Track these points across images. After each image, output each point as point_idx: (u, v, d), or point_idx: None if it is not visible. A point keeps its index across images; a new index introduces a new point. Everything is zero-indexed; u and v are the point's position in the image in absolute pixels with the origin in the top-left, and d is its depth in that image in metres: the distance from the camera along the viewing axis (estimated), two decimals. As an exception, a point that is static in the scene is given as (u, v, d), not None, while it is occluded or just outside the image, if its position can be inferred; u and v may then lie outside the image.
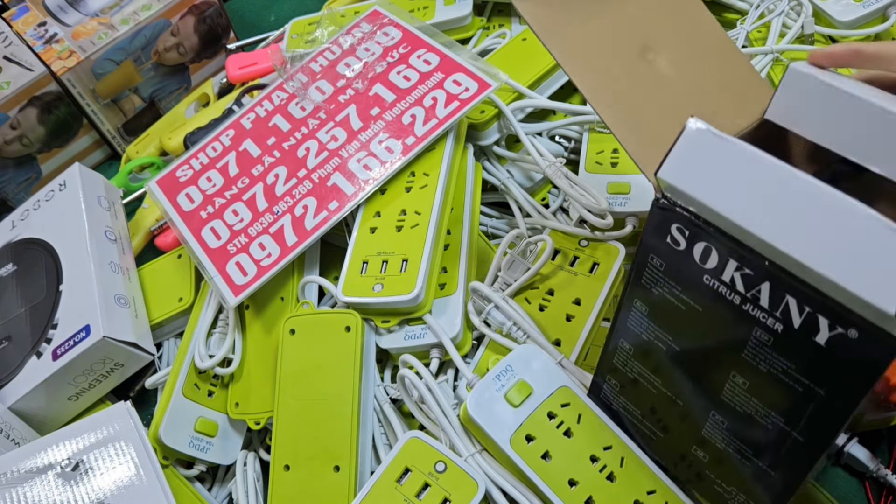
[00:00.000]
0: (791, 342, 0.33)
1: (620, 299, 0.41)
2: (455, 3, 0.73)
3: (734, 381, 0.37)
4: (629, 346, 0.43)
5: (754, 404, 0.37)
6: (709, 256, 0.34)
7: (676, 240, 0.35)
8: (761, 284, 0.33)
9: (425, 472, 0.45)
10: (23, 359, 0.56)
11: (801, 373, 0.33)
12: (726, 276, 0.34)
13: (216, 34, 0.83)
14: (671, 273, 0.37)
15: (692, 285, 0.36)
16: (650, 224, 0.36)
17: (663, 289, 0.38)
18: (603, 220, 0.54)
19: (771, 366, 0.35)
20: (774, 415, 0.36)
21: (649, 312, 0.40)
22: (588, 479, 0.44)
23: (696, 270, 0.35)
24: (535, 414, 0.46)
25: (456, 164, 0.58)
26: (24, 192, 0.78)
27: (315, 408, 0.50)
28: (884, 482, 0.49)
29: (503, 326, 0.51)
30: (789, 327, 0.33)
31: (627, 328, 0.42)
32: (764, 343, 0.34)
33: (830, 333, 0.31)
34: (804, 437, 0.35)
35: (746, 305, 0.34)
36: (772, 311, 0.33)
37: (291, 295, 0.56)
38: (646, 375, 0.43)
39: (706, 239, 0.34)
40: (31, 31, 0.76)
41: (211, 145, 0.64)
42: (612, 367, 0.45)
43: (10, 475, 0.45)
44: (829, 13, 0.65)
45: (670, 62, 0.41)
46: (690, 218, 0.34)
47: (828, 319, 0.31)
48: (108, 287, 0.58)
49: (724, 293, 0.35)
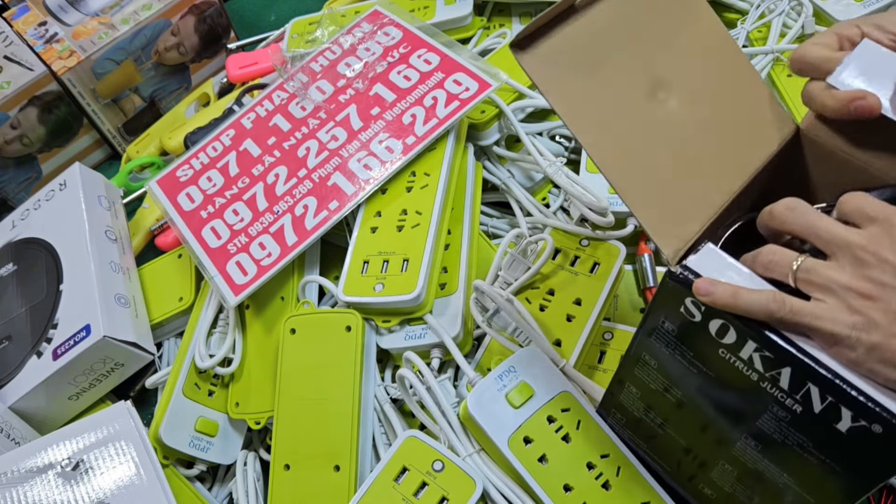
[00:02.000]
0: (810, 423, 0.32)
1: (628, 348, 0.40)
2: (455, 3, 0.73)
3: (746, 442, 0.36)
4: (637, 391, 0.42)
5: (766, 464, 0.36)
6: (726, 333, 0.33)
7: (691, 312, 0.34)
8: (782, 368, 0.32)
9: (423, 471, 0.45)
10: (23, 358, 0.56)
11: (818, 449, 0.33)
12: (744, 354, 0.33)
13: (216, 34, 0.83)
14: (684, 339, 0.36)
15: (706, 356, 0.35)
16: (662, 292, 0.35)
17: (675, 351, 0.37)
18: (604, 217, 0.54)
19: (786, 437, 0.34)
20: (787, 477, 0.35)
21: (659, 367, 0.39)
22: (583, 486, 0.44)
23: (712, 343, 0.34)
24: (535, 417, 0.46)
25: (456, 164, 0.58)
26: (25, 191, 0.77)
27: (315, 407, 0.50)
28: (884, 482, 0.48)
29: (506, 328, 0.51)
30: (809, 410, 0.32)
31: (635, 375, 0.41)
32: (781, 419, 0.33)
33: (852, 424, 0.31)
34: (816, 500, 0.35)
35: (765, 384, 0.33)
36: (791, 393, 0.32)
37: (292, 294, 0.56)
38: (652, 418, 0.42)
39: (724, 317, 0.33)
40: (32, 31, 0.76)
41: (211, 145, 0.64)
42: (619, 405, 0.44)
43: (11, 475, 0.45)
44: (830, 13, 0.65)
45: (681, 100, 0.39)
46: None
47: (851, 412, 0.30)
48: (108, 287, 0.58)
49: (741, 369, 0.33)
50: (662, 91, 0.38)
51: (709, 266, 0.34)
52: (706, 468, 0.40)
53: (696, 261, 0.34)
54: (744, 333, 0.32)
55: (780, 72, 0.63)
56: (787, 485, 0.36)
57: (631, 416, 0.44)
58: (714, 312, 0.33)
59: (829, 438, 0.32)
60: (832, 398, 0.31)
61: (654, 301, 0.36)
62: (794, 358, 0.31)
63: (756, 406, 0.34)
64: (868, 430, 0.30)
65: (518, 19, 0.74)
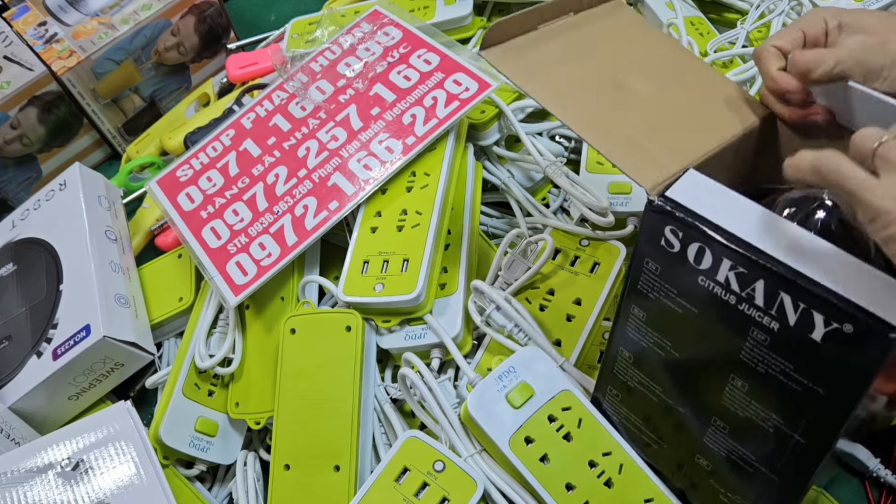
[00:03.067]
0: (787, 340, 0.33)
1: (618, 307, 0.41)
2: (455, 3, 0.73)
3: (734, 384, 0.37)
4: (629, 353, 0.43)
5: (755, 408, 0.37)
6: (703, 257, 0.34)
7: (670, 242, 0.35)
8: (756, 283, 0.33)
9: (424, 471, 0.45)
10: (23, 358, 0.56)
11: (798, 372, 0.34)
12: (721, 276, 0.34)
13: (216, 34, 0.83)
14: (666, 276, 0.37)
15: (688, 288, 0.36)
16: (644, 227, 0.37)
17: (660, 293, 0.38)
18: (604, 218, 0.54)
19: (769, 367, 0.35)
20: (775, 417, 0.36)
21: (647, 319, 0.40)
22: (585, 485, 0.44)
23: (691, 272, 0.35)
24: (536, 416, 0.46)
25: (456, 164, 0.58)
26: (25, 191, 0.77)
27: (315, 407, 0.50)
28: (884, 482, 0.49)
29: (505, 328, 0.51)
30: (785, 325, 0.33)
31: (626, 336, 0.42)
32: (761, 343, 0.34)
33: (826, 329, 0.31)
34: (806, 440, 0.35)
35: (742, 305, 0.34)
36: (767, 309, 0.33)
37: (292, 294, 0.56)
38: (646, 383, 0.43)
39: (699, 240, 0.34)
40: (32, 31, 0.76)
41: (211, 145, 0.64)
42: (613, 376, 0.45)
43: (11, 475, 0.45)
44: (830, 13, 0.64)
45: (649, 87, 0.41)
46: (684, 218, 0.34)
47: (822, 315, 0.31)
48: (108, 287, 0.58)
49: (720, 293, 0.35)
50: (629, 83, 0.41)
51: (692, 192, 0.35)
52: (701, 431, 0.41)
53: (678, 188, 0.35)
54: (718, 252, 0.33)
55: (779, 72, 0.63)
56: (778, 428, 0.36)
57: (626, 386, 0.44)
58: (691, 237, 0.34)
59: (806, 354, 0.33)
60: (804, 304, 0.32)
61: (638, 241, 0.37)
62: (764, 268, 0.32)
63: (738, 335, 0.35)
64: (840, 332, 0.31)
65: (518, 19, 0.74)
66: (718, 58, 0.64)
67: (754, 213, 0.34)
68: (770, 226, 0.33)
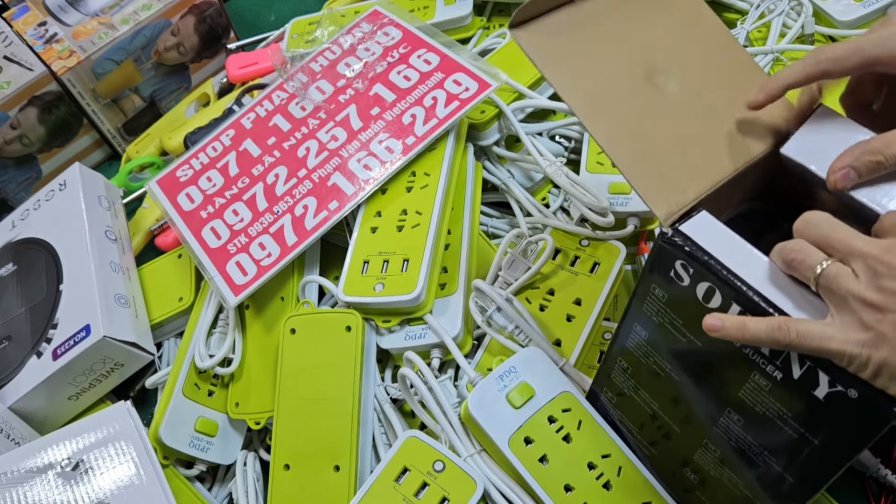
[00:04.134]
0: (789, 391, 0.33)
1: (621, 319, 0.41)
2: (455, 3, 0.73)
3: (729, 416, 0.37)
4: (627, 365, 0.42)
5: (748, 441, 0.37)
6: (712, 297, 0.34)
7: (680, 276, 0.35)
8: None
9: (424, 471, 0.45)
10: (23, 358, 0.56)
11: (796, 420, 0.33)
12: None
13: (216, 34, 0.83)
14: (672, 305, 0.36)
15: (693, 321, 0.35)
16: (654, 255, 0.36)
17: (664, 319, 0.37)
18: (604, 218, 0.54)
19: (767, 409, 0.34)
20: (767, 454, 0.36)
21: (648, 339, 0.39)
22: (584, 486, 0.44)
23: (698, 308, 0.34)
24: (536, 417, 0.46)
25: (456, 164, 0.58)
26: (25, 191, 0.77)
27: (315, 407, 0.50)
28: (884, 482, 0.49)
29: (506, 328, 0.51)
30: (788, 377, 0.33)
31: (626, 348, 0.41)
32: (762, 387, 0.34)
33: (829, 390, 0.31)
34: (796, 479, 0.35)
35: (747, 349, 0.34)
36: (772, 359, 0.33)
37: (292, 294, 0.56)
38: (642, 395, 0.43)
39: (710, 280, 0.33)
40: (32, 31, 0.76)
41: (211, 145, 0.64)
42: (610, 381, 0.45)
43: (11, 475, 0.45)
44: (830, 13, 0.65)
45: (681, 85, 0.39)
46: (697, 255, 0.34)
47: (828, 376, 0.31)
48: (108, 287, 0.58)
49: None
50: (661, 76, 0.39)
51: (703, 232, 0.34)
52: (691, 449, 0.41)
53: (691, 226, 0.34)
54: (728, 296, 0.33)
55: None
56: (768, 464, 0.36)
57: (622, 392, 0.44)
58: (701, 276, 0.34)
59: (807, 406, 0.32)
60: (810, 363, 0.31)
61: (646, 266, 0.37)
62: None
63: (738, 375, 0.35)
64: (844, 395, 0.31)
65: (518, 19, 0.74)
66: (718, 58, 0.64)
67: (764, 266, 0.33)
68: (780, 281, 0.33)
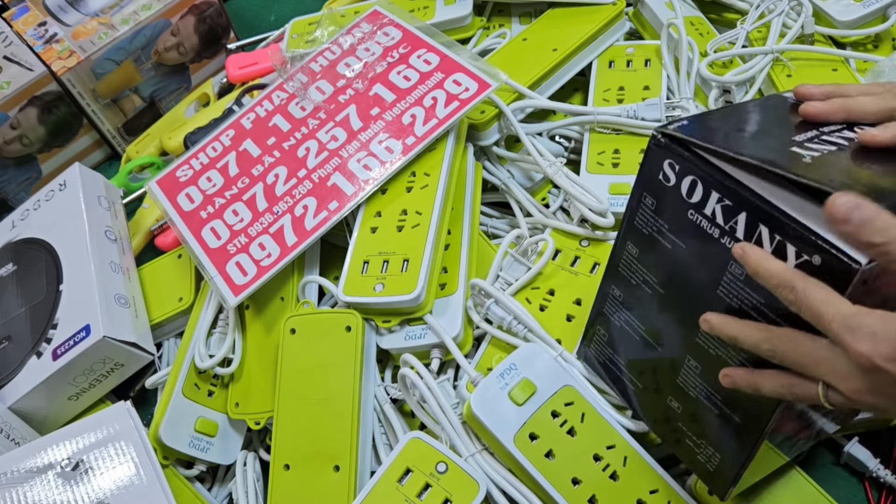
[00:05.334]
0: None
1: (614, 245, 0.43)
2: (455, 3, 0.73)
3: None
4: (619, 292, 0.44)
5: (726, 345, 0.38)
6: (694, 190, 0.37)
7: (667, 175, 0.38)
8: (738, 215, 0.35)
9: (426, 472, 0.45)
10: (23, 359, 0.56)
11: (769, 307, 0.35)
12: (708, 209, 0.37)
13: (216, 34, 0.83)
14: (660, 211, 0.40)
15: (677, 222, 0.39)
16: (646, 161, 0.39)
17: (653, 229, 0.40)
18: (604, 218, 0.54)
19: (743, 301, 0.36)
20: (743, 354, 0.38)
21: (639, 255, 0.42)
22: (591, 478, 0.44)
23: (682, 206, 0.38)
24: (539, 412, 0.46)
25: (456, 164, 0.58)
26: (25, 191, 0.77)
27: (315, 407, 0.50)
28: (884, 482, 0.49)
29: (503, 322, 0.51)
30: None
31: (619, 273, 0.44)
32: (737, 277, 0.36)
33: (797, 261, 0.33)
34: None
35: (724, 238, 0.36)
36: (746, 241, 0.35)
37: (292, 295, 0.56)
38: (631, 322, 0.44)
39: (694, 172, 0.37)
40: (32, 31, 0.76)
41: (211, 145, 0.64)
42: (602, 316, 0.46)
43: (10, 475, 0.45)
44: (830, 13, 0.65)
45: None
46: (683, 152, 0.37)
47: (795, 247, 0.33)
48: (108, 287, 0.58)
49: (706, 227, 0.37)
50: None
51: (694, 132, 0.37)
52: (675, 371, 0.42)
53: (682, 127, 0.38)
54: (708, 185, 0.36)
55: (779, 72, 0.63)
56: (745, 365, 0.37)
57: (612, 327, 0.46)
58: (686, 170, 0.37)
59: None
60: (779, 236, 0.34)
61: (639, 176, 0.40)
62: (747, 200, 0.34)
63: (717, 269, 0.37)
64: (810, 264, 0.33)
65: (518, 19, 0.74)
66: (718, 58, 0.64)
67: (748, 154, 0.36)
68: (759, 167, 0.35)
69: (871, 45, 0.66)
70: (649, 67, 0.64)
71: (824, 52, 0.63)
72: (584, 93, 0.67)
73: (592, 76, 0.66)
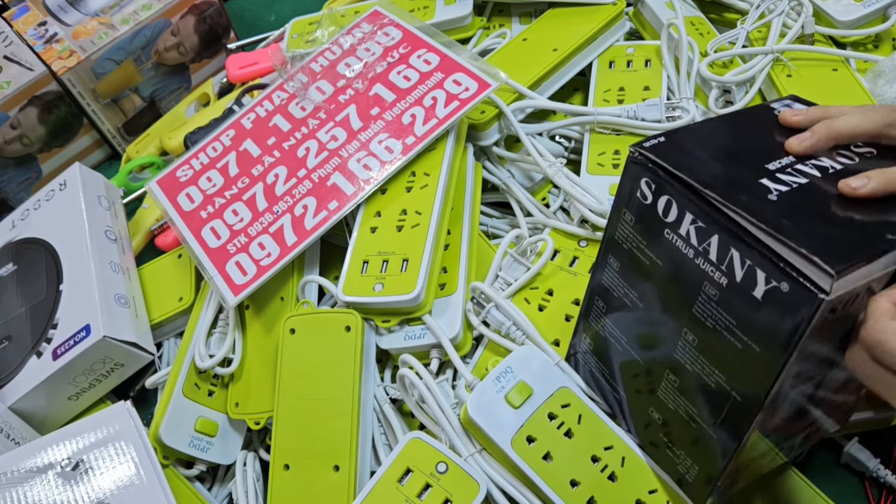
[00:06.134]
0: (733, 296, 0.35)
1: (597, 256, 0.44)
2: (455, 3, 0.73)
3: (686, 338, 0.39)
4: (603, 304, 0.45)
5: (701, 362, 0.39)
6: (670, 210, 0.37)
7: (644, 194, 0.39)
8: (711, 238, 0.35)
9: (427, 472, 0.45)
10: (23, 358, 0.56)
11: (740, 328, 0.36)
12: (683, 229, 0.37)
13: (216, 34, 0.83)
14: (639, 228, 0.40)
15: (655, 240, 0.39)
16: (624, 178, 0.40)
17: (632, 244, 0.41)
18: (604, 219, 0.54)
19: (716, 322, 0.37)
20: (718, 373, 0.38)
21: (620, 269, 0.42)
22: (589, 480, 0.44)
23: (659, 225, 0.38)
24: (536, 415, 0.46)
25: (456, 164, 0.58)
26: (25, 191, 0.78)
27: (315, 407, 0.50)
28: (884, 482, 0.49)
29: (502, 326, 0.51)
30: (732, 281, 0.35)
31: (602, 284, 0.44)
32: (711, 298, 0.36)
33: (766, 287, 0.33)
34: (741, 397, 0.37)
35: (698, 259, 0.36)
36: (719, 264, 0.35)
37: (291, 294, 0.56)
38: (615, 334, 0.45)
39: (669, 192, 0.37)
40: (32, 31, 0.76)
41: (211, 145, 0.64)
42: (588, 324, 0.47)
43: (10, 475, 0.45)
44: (830, 13, 0.65)
45: None
46: (657, 171, 0.38)
47: (764, 273, 0.33)
48: (108, 287, 0.58)
49: (681, 247, 0.37)
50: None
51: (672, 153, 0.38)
52: (655, 384, 0.43)
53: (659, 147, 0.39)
54: (682, 206, 0.37)
55: (779, 72, 0.63)
56: (719, 384, 0.38)
57: (597, 336, 0.46)
58: (662, 190, 0.38)
59: (748, 309, 0.35)
60: (749, 261, 0.34)
61: (618, 192, 0.41)
62: (718, 222, 0.35)
63: (692, 289, 0.37)
64: (778, 290, 0.33)
65: (518, 19, 0.74)
66: (718, 58, 0.64)
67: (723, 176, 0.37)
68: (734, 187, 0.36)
69: (872, 45, 0.66)
70: (649, 68, 0.64)
71: (824, 52, 0.63)
72: (585, 93, 0.67)
73: (593, 76, 0.66)
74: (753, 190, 0.36)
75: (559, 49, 0.64)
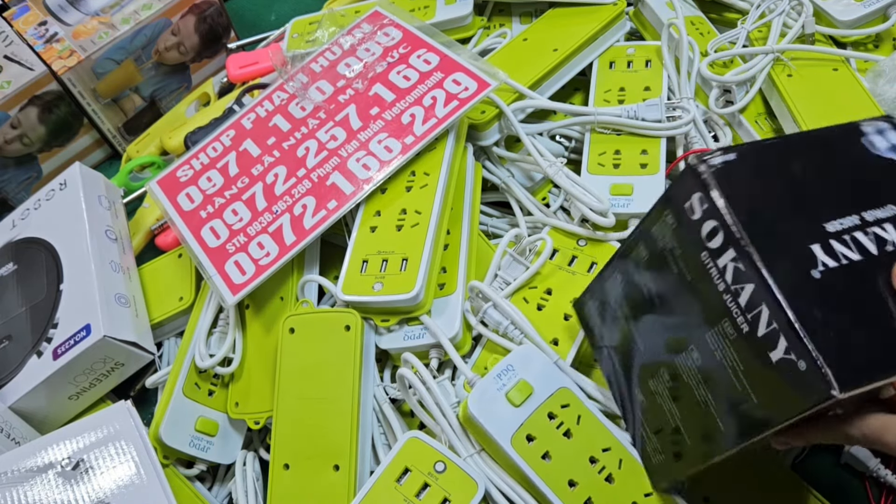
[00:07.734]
0: (750, 346, 0.35)
1: (630, 234, 0.43)
2: (456, 3, 0.73)
3: (690, 353, 0.39)
4: (621, 278, 0.44)
5: (697, 379, 0.39)
6: (714, 237, 0.36)
7: (693, 208, 0.37)
8: (746, 284, 0.34)
9: (425, 472, 0.45)
10: (23, 358, 0.56)
11: (745, 376, 0.35)
12: (721, 262, 0.36)
13: (217, 33, 0.83)
14: (678, 235, 0.38)
15: (690, 255, 0.37)
16: (679, 183, 0.38)
17: (666, 243, 0.39)
18: (605, 218, 0.54)
19: (724, 356, 0.36)
20: (710, 397, 0.38)
21: (647, 261, 0.41)
22: (587, 481, 0.44)
23: (699, 245, 0.36)
24: (536, 414, 0.46)
25: (456, 164, 0.58)
26: (25, 191, 0.78)
27: (315, 407, 0.50)
28: (884, 482, 0.49)
29: (500, 326, 0.51)
30: (753, 333, 0.34)
31: (625, 264, 0.43)
32: (727, 335, 0.36)
33: (783, 356, 0.33)
34: (725, 428, 0.37)
35: (727, 296, 0.35)
36: (746, 312, 0.34)
37: (291, 294, 0.56)
38: (624, 311, 0.44)
39: (718, 219, 0.35)
40: (32, 31, 0.76)
41: (211, 145, 0.64)
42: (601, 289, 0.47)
43: (11, 474, 0.45)
44: (830, 13, 0.65)
45: None
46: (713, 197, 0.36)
47: (787, 343, 0.32)
48: (108, 286, 0.58)
49: (714, 276, 0.36)
50: None
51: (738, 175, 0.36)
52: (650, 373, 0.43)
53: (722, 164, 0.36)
54: (729, 239, 0.35)
55: (780, 72, 0.63)
56: (707, 405, 0.38)
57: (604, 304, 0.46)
58: (711, 214, 0.36)
59: (759, 366, 0.34)
60: (776, 324, 0.33)
61: (668, 191, 0.39)
62: (760, 277, 0.33)
63: (712, 317, 0.36)
64: (794, 364, 0.32)
65: (518, 19, 0.74)
66: (719, 57, 0.64)
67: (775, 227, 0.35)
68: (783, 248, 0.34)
69: (872, 45, 0.66)
70: (650, 68, 0.64)
71: (825, 52, 0.63)
72: (585, 93, 0.66)
73: (593, 76, 0.65)
74: (799, 259, 0.34)
75: (559, 49, 0.64)
